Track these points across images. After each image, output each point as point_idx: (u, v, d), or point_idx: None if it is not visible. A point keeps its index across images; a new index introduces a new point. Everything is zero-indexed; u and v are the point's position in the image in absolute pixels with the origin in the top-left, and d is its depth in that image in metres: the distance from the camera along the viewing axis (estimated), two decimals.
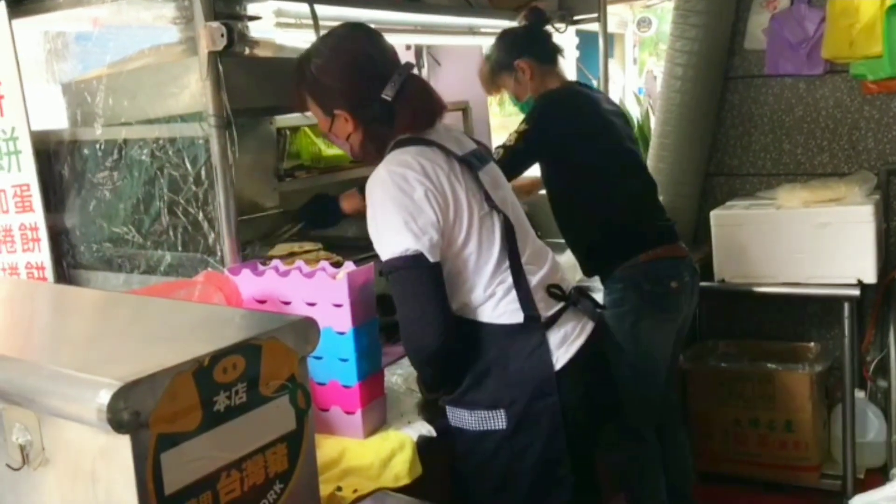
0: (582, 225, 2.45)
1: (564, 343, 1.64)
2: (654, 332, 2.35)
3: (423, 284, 1.52)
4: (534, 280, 1.65)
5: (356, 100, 1.62)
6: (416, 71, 1.76)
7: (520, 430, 1.60)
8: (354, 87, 1.62)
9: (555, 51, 2.53)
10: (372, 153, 1.68)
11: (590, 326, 1.72)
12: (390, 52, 1.68)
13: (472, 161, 1.66)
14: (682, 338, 2.58)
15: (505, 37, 2.55)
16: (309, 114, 1.78)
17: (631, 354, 2.27)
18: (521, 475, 1.62)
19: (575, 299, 1.71)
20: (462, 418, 1.65)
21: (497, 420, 1.61)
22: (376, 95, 1.60)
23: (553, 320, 1.65)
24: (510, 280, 1.61)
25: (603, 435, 1.85)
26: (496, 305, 1.62)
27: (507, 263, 1.62)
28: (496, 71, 2.52)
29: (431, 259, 1.51)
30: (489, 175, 1.69)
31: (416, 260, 1.50)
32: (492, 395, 1.61)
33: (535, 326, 1.61)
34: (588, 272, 2.49)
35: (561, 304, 1.68)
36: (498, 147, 2.39)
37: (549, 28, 2.59)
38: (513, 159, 2.32)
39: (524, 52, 2.45)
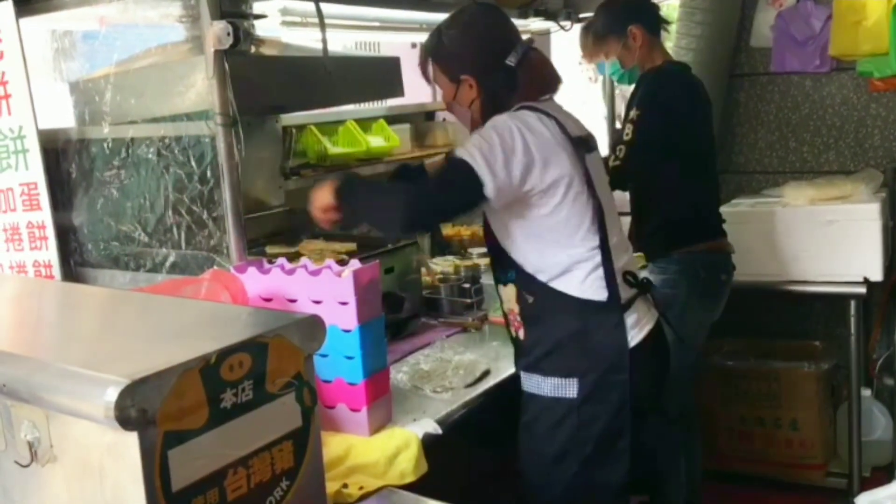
0: (660, 202, 2.48)
1: (637, 325, 1.76)
2: (696, 322, 2.40)
3: (457, 188, 1.65)
4: (618, 264, 1.75)
5: (483, 66, 1.75)
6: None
7: (589, 401, 1.71)
8: (482, 53, 1.76)
9: (662, 22, 2.55)
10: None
11: (655, 315, 1.85)
12: (514, 28, 1.83)
13: (582, 143, 1.77)
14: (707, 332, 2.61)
15: (615, 2, 2.55)
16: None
17: (671, 337, 2.30)
18: (584, 444, 1.73)
19: (646, 289, 1.83)
20: (537, 384, 1.76)
21: (570, 388, 1.72)
22: (501, 62, 1.73)
23: (629, 304, 1.76)
24: (599, 258, 1.71)
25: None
26: (583, 280, 1.71)
27: (596, 243, 1.72)
28: (603, 35, 2.51)
29: (486, 191, 1.60)
30: (594, 161, 1.80)
31: (469, 176, 1.60)
32: (568, 365, 1.72)
33: (616, 306, 1.73)
34: (645, 249, 2.50)
35: (635, 291, 1.79)
36: (619, 145, 2.39)
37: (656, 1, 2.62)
38: (637, 153, 2.35)
39: (637, 18, 2.46)
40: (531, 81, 1.76)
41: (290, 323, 1.07)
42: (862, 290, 2.81)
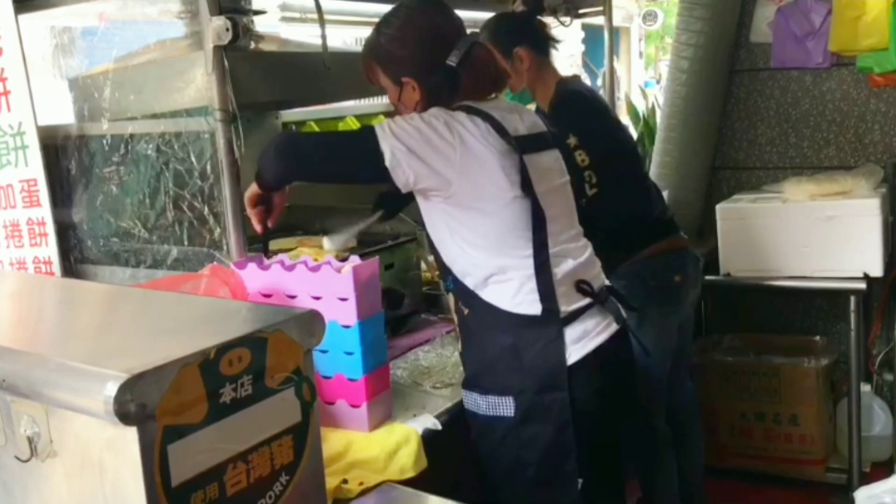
0: (591, 221, 2.39)
1: (582, 339, 1.65)
2: (657, 328, 2.35)
3: (344, 148, 1.61)
4: (560, 272, 1.64)
5: (423, 67, 1.66)
6: None
7: (527, 421, 1.62)
8: (422, 54, 1.67)
9: (550, 41, 2.45)
10: None
11: (614, 327, 1.72)
12: (458, 23, 1.73)
13: (525, 144, 1.65)
14: (690, 327, 2.60)
15: (500, 22, 2.43)
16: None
17: (635, 349, 2.27)
18: (527, 465, 1.64)
19: (602, 298, 1.71)
20: (475, 402, 1.67)
21: (506, 407, 1.63)
22: (442, 62, 1.64)
23: (574, 315, 1.65)
24: (531, 270, 1.61)
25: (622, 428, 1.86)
26: (515, 293, 1.61)
27: (529, 251, 1.61)
28: None
29: (385, 161, 1.52)
30: (541, 161, 1.69)
31: (370, 141, 1.54)
32: (502, 382, 1.63)
33: (552, 319, 1.62)
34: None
35: (587, 301, 1.68)
36: (585, 171, 2.22)
37: (545, 18, 2.52)
38: (605, 172, 2.23)
39: (523, 40, 2.34)
40: (475, 81, 1.67)
41: (289, 318, 1.08)
42: (862, 285, 2.81)
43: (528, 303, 1.61)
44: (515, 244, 1.61)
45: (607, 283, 1.81)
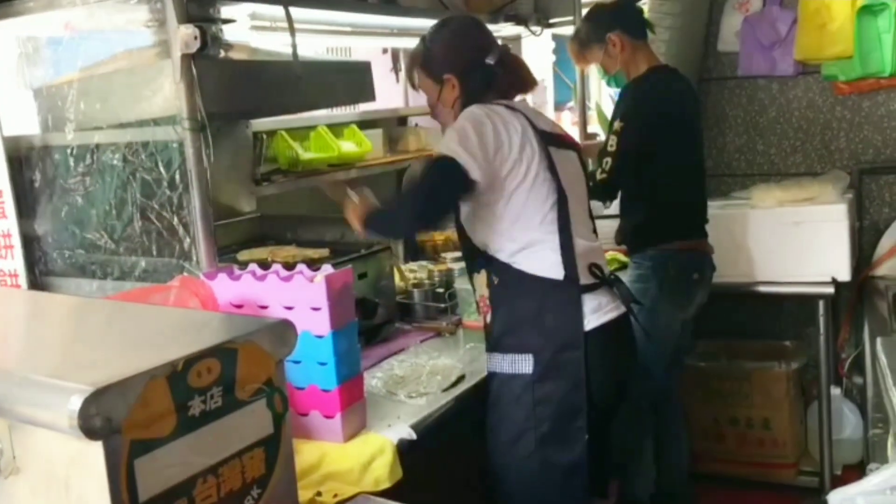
0: (642, 199, 2.53)
1: (598, 311, 1.82)
2: (666, 317, 2.45)
3: (443, 181, 1.77)
4: (579, 249, 1.82)
5: (464, 65, 1.90)
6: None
7: (545, 378, 1.78)
8: (463, 53, 1.92)
9: (645, 26, 2.60)
10: None
11: (622, 309, 1.89)
12: (491, 34, 2.01)
13: (548, 138, 1.86)
14: (690, 327, 2.68)
15: (596, 10, 2.65)
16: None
17: (639, 332, 2.34)
18: (541, 422, 1.78)
19: (612, 282, 1.89)
20: (497, 363, 1.84)
21: (525, 364, 1.79)
22: (481, 62, 1.89)
23: (588, 288, 1.82)
24: (557, 240, 1.80)
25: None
26: (542, 259, 1.80)
27: (555, 226, 1.80)
28: (586, 43, 2.61)
29: (472, 175, 1.74)
30: (562, 156, 1.88)
31: (454, 168, 1.73)
32: (523, 341, 1.80)
33: (573, 285, 1.80)
34: (626, 245, 2.61)
35: (598, 281, 1.85)
36: (605, 157, 2.47)
37: (640, 4, 2.70)
38: (621, 163, 2.44)
39: (616, 25, 2.53)
40: (508, 79, 1.91)
41: (260, 328, 1.06)
42: (830, 290, 2.85)
43: (552, 266, 1.80)
44: (544, 219, 1.80)
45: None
